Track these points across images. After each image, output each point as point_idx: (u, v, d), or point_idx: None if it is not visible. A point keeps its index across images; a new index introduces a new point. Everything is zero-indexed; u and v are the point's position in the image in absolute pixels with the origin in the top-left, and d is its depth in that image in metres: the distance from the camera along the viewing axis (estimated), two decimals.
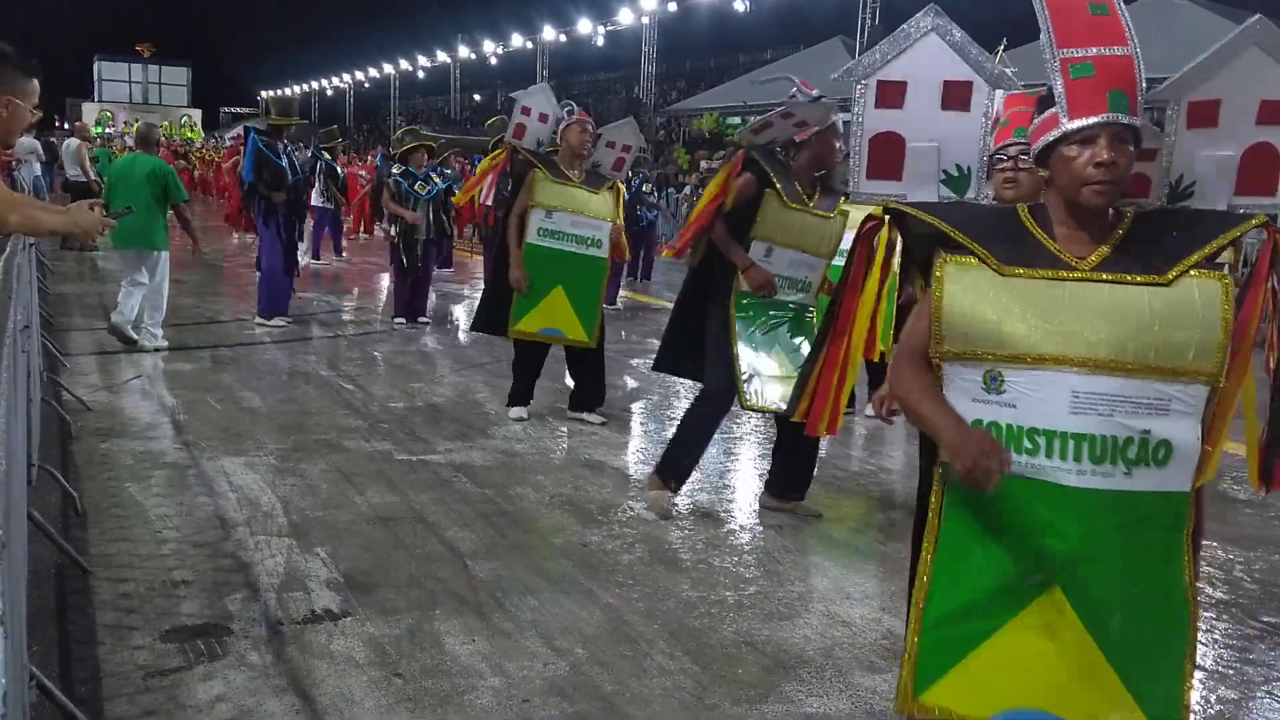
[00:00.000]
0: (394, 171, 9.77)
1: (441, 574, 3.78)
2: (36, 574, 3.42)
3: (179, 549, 3.87)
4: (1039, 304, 1.92)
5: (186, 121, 62.03)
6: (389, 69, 59.45)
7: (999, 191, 2.99)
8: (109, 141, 30.59)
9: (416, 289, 9.73)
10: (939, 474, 2.06)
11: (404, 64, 57.34)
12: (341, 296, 11.74)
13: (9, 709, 1.39)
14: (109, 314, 8.02)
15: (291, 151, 8.89)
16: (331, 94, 69.74)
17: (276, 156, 8.61)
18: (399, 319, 9.59)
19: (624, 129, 6.11)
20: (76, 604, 3.35)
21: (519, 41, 44.82)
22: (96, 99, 63.05)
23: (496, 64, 49.69)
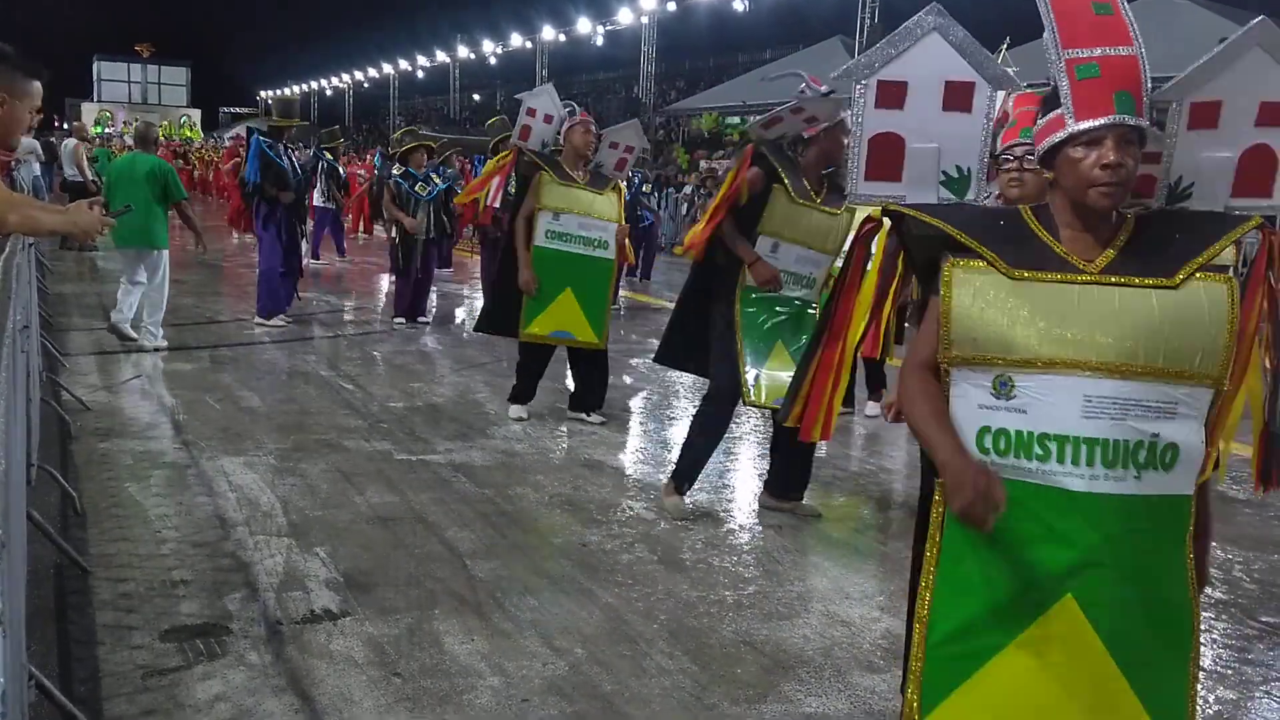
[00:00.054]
0: (394, 173, 9.77)
1: (441, 574, 3.78)
2: (36, 574, 3.42)
3: (178, 549, 3.87)
4: (1049, 307, 1.89)
5: (186, 121, 61.92)
6: (388, 69, 59.38)
7: (1004, 191, 2.99)
8: (108, 141, 30.56)
9: (418, 289, 9.74)
10: (941, 484, 2.00)
11: (403, 64, 57.27)
12: (341, 296, 11.74)
13: (8, 709, 1.39)
14: (108, 314, 8.02)
15: (291, 152, 8.89)
16: (331, 94, 69.68)
17: (278, 157, 8.62)
18: (399, 319, 9.59)
19: (627, 131, 6.12)
20: (76, 604, 3.35)
21: (518, 41, 44.79)
22: (96, 99, 62.92)
23: (496, 64, 49.66)
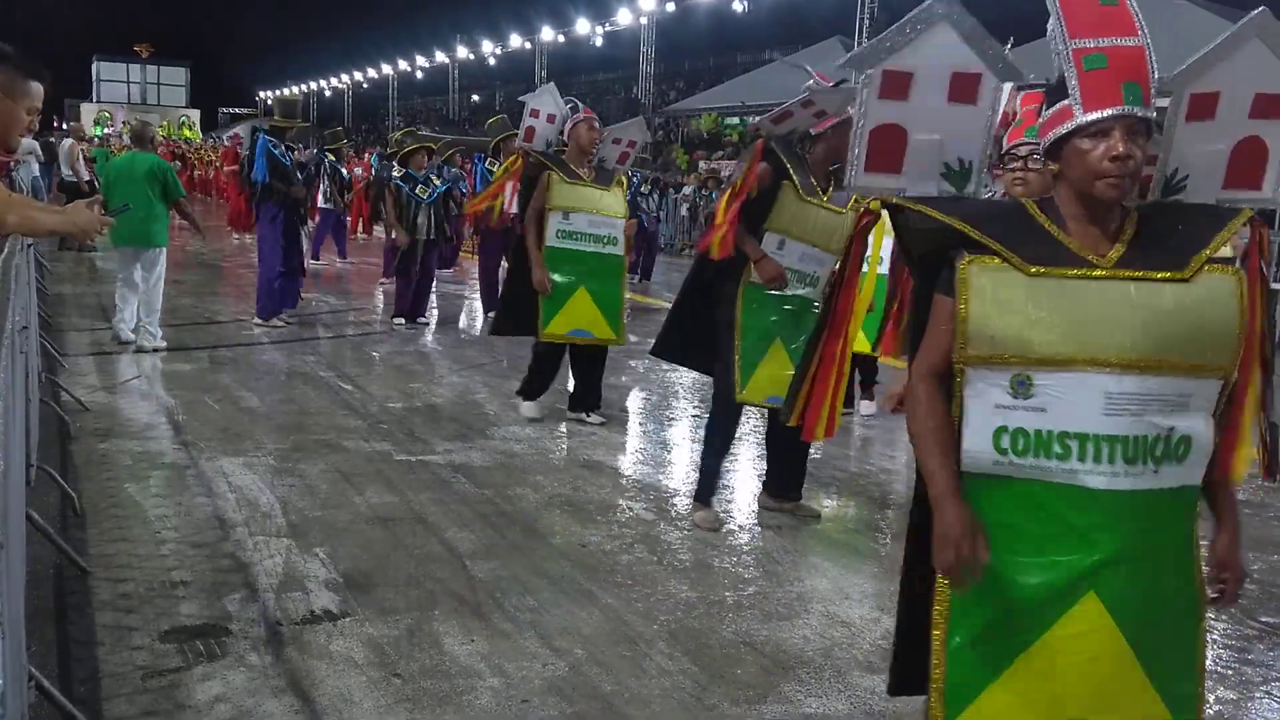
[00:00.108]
0: (395, 175, 9.76)
1: (440, 574, 3.78)
2: (35, 575, 3.41)
3: (178, 549, 3.86)
4: (1067, 304, 1.85)
5: (185, 122, 61.87)
6: (387, 69, 59.40)
7: (1009, 190, 2.99)
8: (107, 141, 30.53)
9: (418, 290, 9.73)
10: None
11: (402, 64, 57.32)
12: (341, 297, 11.74)
13: (8, 709, 1.38)
14: (107, 315, 8.01)
15: (291, 152, 8.89)
16: (330, 94, 69.70)
17: (283, 156, 8.64)
18: (398, 319, 9.59)
19: (631, 128, 6.19)
20: (75, 604, 3.34)
21: (517, 42, 44.83)
22: (95, 99, 62.83)
23: (495, 64, 49.72)
